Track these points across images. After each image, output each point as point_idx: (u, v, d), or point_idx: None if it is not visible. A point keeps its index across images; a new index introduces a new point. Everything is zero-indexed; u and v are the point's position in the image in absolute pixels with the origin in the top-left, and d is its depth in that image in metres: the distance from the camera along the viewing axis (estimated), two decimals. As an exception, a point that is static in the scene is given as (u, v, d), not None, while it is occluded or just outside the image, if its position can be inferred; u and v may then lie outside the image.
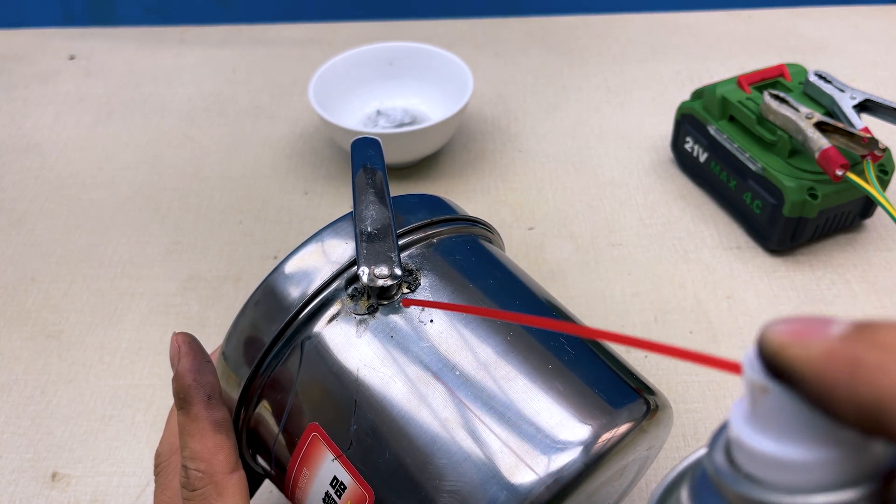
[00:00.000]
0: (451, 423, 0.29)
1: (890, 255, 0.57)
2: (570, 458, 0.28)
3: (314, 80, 0.65)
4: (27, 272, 0.58)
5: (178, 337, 0.33)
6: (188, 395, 0.32)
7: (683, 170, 0.64)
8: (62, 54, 0.82)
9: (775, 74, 0.59)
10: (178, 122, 0.73)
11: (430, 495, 0.28)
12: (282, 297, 0.32)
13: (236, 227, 0.61)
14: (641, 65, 0.77)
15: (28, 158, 0.69)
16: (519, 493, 0.27)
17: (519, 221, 0.61)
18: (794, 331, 0.17)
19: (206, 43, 0.83)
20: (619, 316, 0.53)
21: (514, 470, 0.28)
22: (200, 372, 0.32)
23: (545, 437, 0.29)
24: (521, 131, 0.70)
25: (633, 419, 0.30)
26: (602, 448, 0.29)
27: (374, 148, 0.38)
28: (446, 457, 0.28)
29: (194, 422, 0.31)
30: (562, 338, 0.33)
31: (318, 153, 0.68)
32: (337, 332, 0.32)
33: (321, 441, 0.31)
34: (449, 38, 0.82)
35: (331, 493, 0.30)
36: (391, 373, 0.30)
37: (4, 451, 0.47)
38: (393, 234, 0.33)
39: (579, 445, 0.29)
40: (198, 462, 0.31)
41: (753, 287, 0.55)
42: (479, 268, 0.35)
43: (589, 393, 0.30)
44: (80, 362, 0.52)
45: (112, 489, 0.45)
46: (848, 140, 0.52)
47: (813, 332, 0.16)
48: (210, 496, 0.30)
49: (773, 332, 0.17)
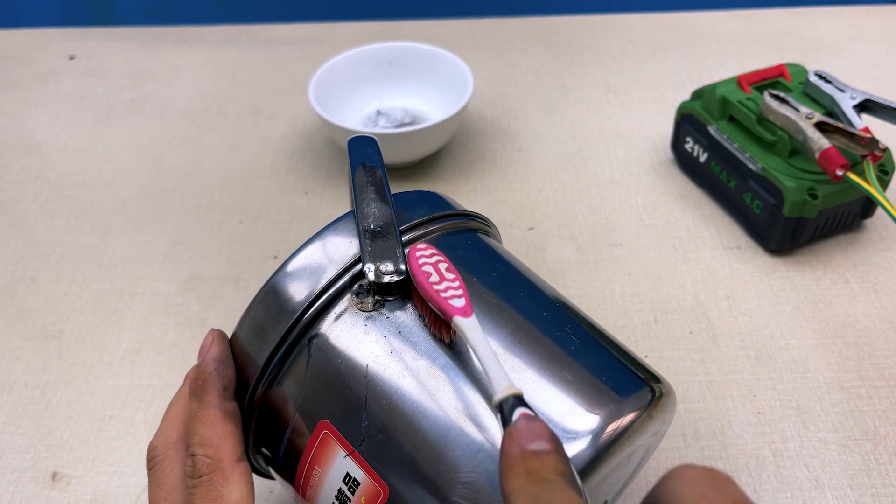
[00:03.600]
0: (462, 415, 0.29)
1: (890, 255, 0.57)
2: (580, 447, 0.29)
3: (314, 80, 0.65)
4: (27, 272, 0.58)
5: (213, 331, 0.35)
6: (206, 382, 0.33)
7: (683, 170, 0.64)
8: (62, 54, 0.82)
9: (775, 74, 0.59)
10: (178, 122, 0.73)
11: (445, 487, 0.28)
12: (287, 297, 0.32)
13: (236, 227, 0.61)
14: (641, 65, 0.77)
15: (28, 158, 0.69)
16: None
17: (519, 221, 0.61)
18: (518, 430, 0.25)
19: (206, 43, 0.83)
20: (618, 316, 0.53)
21: None
22: (224, 364, 0.33)
23: (555, 426, 0.29)
24: (521, 131, 0.70)
25: (640, 406, 0.31)
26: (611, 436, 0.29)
27: (371, 146, 0.38)
28: (459, 448, 0.29)
29: (207, 408, 0.32)
30: (567, 327, 0.33)
31: (318, 153, 0.68)
32: (344, 330, 0.32)
33: (332, 438, 0.31)
34: (449, 38, 0.82)
35: (343, 489, 0.31)
36: (400, 368, 0.30)
37: (4, 451, 0.47)
38: (396, 230, 0.33)
39: (589, 434, 0.29)
40: (207, 448, 0.31)
41: (753, 287, 0.55)
42: (481, 261, 0.35)
43: (596, 382, 0.31)
44: (80, 362, 0.52)
45: (112, 489, 0.45)
46: (848, 140, 0.52)
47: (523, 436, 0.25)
48: (217, 482, 0.30)
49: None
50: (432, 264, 0.31)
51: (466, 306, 0.30)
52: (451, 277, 0.31)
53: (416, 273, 0.31)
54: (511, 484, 0.24)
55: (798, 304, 0.53)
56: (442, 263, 0.31)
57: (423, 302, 0.31)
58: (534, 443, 0.25)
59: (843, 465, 0.44)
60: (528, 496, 0.23)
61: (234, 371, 0.34)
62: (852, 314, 0.53)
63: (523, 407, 0.26)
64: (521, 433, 0.25)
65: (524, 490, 0.23)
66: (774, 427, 0.46)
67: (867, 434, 0.46)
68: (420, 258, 0.31)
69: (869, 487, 0.43)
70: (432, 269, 0.31)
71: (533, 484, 0.23)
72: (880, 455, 0.45)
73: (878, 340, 0.51)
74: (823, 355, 0.50)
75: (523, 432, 0.25)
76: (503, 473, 0.24)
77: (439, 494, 0.28)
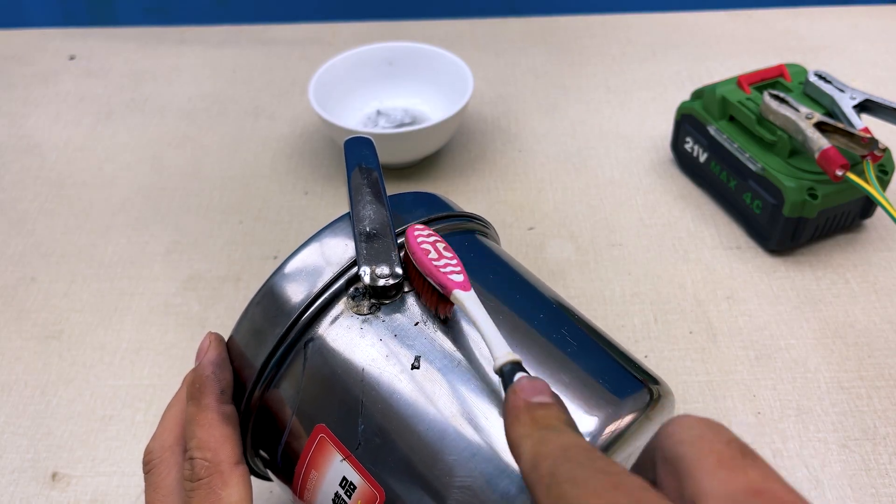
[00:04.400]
0: (458, 418, 0.29)
1: (890, 255, 0.57)
2: None
3: (314, 80, 0.65)
4: (27, 272, 0.58)
5: (210, 334, 0.35)
6: (203, 386, 0.33)
7: (683, 170, 0.64)
8: (62, 54, 0.82)
9: (775, 74, 0.59)
10: (178, 122, 0.73)
11: (441, 491, 0.28)
12: (283, 301, 0.32)
13: (236, 227, 0.61)
14: (641, 65, 0.77)
15: (28, 158, 0.69)
16: None
17: (519, 221, 0.61)
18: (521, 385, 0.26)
19: (206, 43, 0.83)
20: (618, 316, 0.53)
21: None
22: (221, 367, 0.33)
23: None
24: (521, 131, 0.70)
25: (638, 408, 0.31)
26: (609, 438, 0.29)
27: (367, 147, 0.38)
28: (456, 452, 0.29)
29: (204, 412, 0.32)
30: (564, 329, 0.33)
31: (318, 153, 0.68)
32: (340, 333, 0.32)
33: (329, 442, 0.31)
34: (449, 38, 0.82)
35: (340, 493, 0.30)
36: (396, 371, 0.30)
37: (4, 451, 0.47)
38: (392, 232, 0.33)
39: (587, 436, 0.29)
40: (205, 451, 0.31)
41: (753, 287, 0.55)
42: (478, 263, 0.35)
43: (593, 384, 0.31)
44: (80, 362, 0.52)
45: (112, 489, 0.45)
46: (848, 140, 0.52)
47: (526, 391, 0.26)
48: (215, 485, 0.30)
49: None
50: (430, 243, 0.32)
51: (465, 282, 0.30)
52: (449, 255, 0.31)
53: (414, 250, 0.31)
54: (516, 430, 0.25)
55: (798, 304, 0.53)
56: (440, 243, 0.32)
57: (421, 280, 0.31)
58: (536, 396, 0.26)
59: (843, 465, 0.44)
60: (535, 440, 0.24)
61: (231, 374, 0.34)
62: (852, 314, 0.53)
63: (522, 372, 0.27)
64: (525, 388, 0.26)
65: (531, 435, 0.24)
66: (774, 427, 0.46)
67: (867, 434, 0.46)
68: (419, 237, 0.32)
69: (869, 487, 0.43)
70: (431, 247, 0.31)
71: (538, 429, 0.24)
72: (880, 455, 0.45)
73: (878, 340, 0.51)
74: (823, 355, 0.50)
75: (526, 387, 0.26)
76: (508, 424, 0.26)
77: (436, 498, 0.28)
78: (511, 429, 0.25)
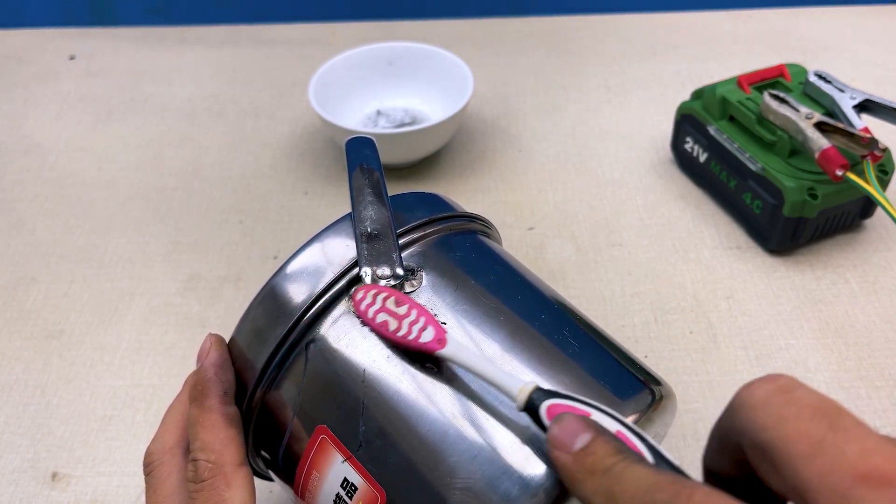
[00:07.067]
0: (460, 420, 0.29)
1: (890, 255, 0.57)
2: None
3: (314, 80, 0.65)
4: (27, 272, 0.58)
5: (211, 336, 0.34)
6: (206, 387, 0.32)
7: (683, 170, 0.64)
8: (62, 54, 0.82)
9: (775, 74, 0.59)
10: (178, 122, 0.73)
11: (443, 493, 0.28)
12: (284, 302, 0.32)
13: (236, 227, 0.61)
14: (641, 65, 0.77)
15: (28, 158, 0.69)
16: (531, 488, 0.28)
17: (519, 221, 0.61)
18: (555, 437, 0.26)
19: (206, 43, 0.83)
20: (619, 316, 0.53)
21: (525, 464, 0.28)
22: (223, 369, 0.33)
23: None
24: (521, 131, 0.70)
25: (640, 410, 0.31)
26: None
27: (368, 147, 0.38)
28: (457, 454, 0.29)
29: (207, 413, 0.32)
30: (566, 330, 0.33)
31: (318, 153, 0.68)
32: (341, 334, 0.32)
33: (330, 443, 0.31)
34: (449, 38, 0.82)
35: (341, 494, 0.30)
36: (398, 372, 0.30)
37: (4, 451, 0.47)
38: (393, 233, 0.33)
39: None
40: (208, 453, 0.31)
41: (753, 287, 0.55)
42: (480, 264, 0.35)
43: (595, 385, 0.31)
44: (80, 362, 0.52)
45: (112, 489, 0.45)
46: (848, 140, 0.52)
47: (565, 442, 0.25)
48: (219, 487, 0.30)
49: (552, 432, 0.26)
50: (380, 308, 0.30)
51: (438, 334, 0.29)
52: (404, 312, 0.30)
53: (372, 326, 0.31)
54: (582, 489, 0.24)
55: (798, 303, 0.53)
56: (388, 299, 0.31)
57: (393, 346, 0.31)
58: (575, 442, 0.25)
59: (843, 466, 0.44)
60: (604, 492, 0.23)
61: (233, 375, 0.34)
62: (852, 314, 0.53)
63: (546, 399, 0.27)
64: (559, 439, 0.25)
65: (597, 490, 0.24)
66: (774, 427, 0.46)
67: (867, 434, 0.46)
68: (367, 309, 0.31)
69: (869, 487, 0.43)
70: (384, 313, 0.30)
71: (599, 479, 0.24)
72: (880, 455, 0.45)
73: (878, 340, 0.51)
74: (823, 355, 0.50)
75: (560, 437, 0.25)
76: (571, 485, 0.25)
77: (437, 500, 0.28)
78: (576, 490, 0.25)
